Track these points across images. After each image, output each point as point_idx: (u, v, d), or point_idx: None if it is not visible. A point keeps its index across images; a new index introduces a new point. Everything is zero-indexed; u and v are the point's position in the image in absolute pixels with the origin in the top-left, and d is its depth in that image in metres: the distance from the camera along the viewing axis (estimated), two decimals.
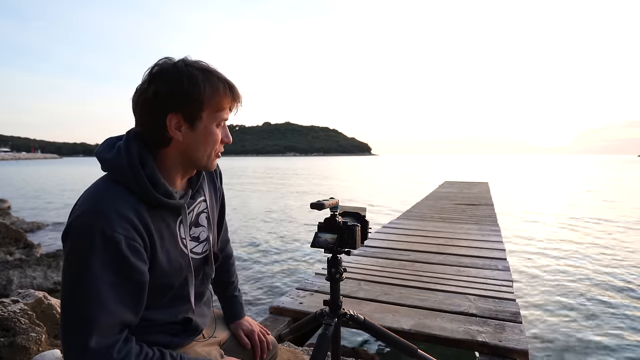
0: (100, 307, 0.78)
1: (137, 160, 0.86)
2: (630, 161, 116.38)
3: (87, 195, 0.86)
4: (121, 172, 0.86)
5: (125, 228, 0.81)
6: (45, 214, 12.09)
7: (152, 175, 0.87)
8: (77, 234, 0.80)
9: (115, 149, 0.88)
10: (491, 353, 2.26)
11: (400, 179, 30.00)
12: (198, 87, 0.86)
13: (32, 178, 32.15)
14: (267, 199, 16.35)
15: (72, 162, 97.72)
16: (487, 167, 55.74)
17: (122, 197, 0.84)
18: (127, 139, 0.89)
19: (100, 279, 0.78)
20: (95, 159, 0.90)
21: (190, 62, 0.89)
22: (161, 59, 0.89)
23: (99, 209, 0.81)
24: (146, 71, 0.88)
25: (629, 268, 5.99)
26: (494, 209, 8.39)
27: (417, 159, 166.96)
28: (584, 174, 37.76)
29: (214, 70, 0.91)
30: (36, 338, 1.84)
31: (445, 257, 4.32)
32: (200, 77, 0.87)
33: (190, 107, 0.87)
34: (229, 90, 0.92)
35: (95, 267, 0.78)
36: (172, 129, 0.88)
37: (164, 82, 0.86)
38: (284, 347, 2.10)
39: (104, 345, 0.78)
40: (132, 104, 0.90)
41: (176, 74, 0.86)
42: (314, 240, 1.19)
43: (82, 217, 0.80)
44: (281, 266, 6.34)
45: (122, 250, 0.80)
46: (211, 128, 0.92)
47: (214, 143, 0.94)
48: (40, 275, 4.98)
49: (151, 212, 0.88)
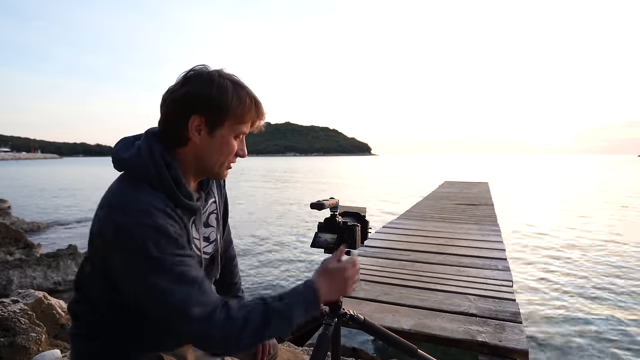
0: (183, 282, 0.81)
1: (161, 161, 0.88)
2: (630, 161, 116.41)
3: (118, 194, 0.85)
4: (144, 172, 0.87)
5: (164, 219, 0.84)
6: (45, 214, 12.09)
7: (176, 176, 0.90)
8: (125, 233, 0.79)
9: (135, 149, 0.89)
10: (491, 353, 2.26)
11: (400, 179, 30.01)
12: (226, 96, 0.90)
13: (32, 178, 32.15)
14: (267, 199, 16.35)
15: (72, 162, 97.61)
16: (487, 167, 55.74)
17: (152, 195, 0.85)
18: (147, 138, 0.91)
19: (169, 262, 0.81)
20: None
21: (224, 74, 0.92)
22: (198, 65, 0.93)
23: (137, 205, 0.82)
24: (181, 74, 0.92)
25: (629, 268, 5.99)
26: (494, 209, 8.39)
27: (417, 159, 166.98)
28: (584, 174, 37.75)
29: (244, 85, 0.94)
30: (36, 338, 1.84)
31: (445, 257, 4.32)
32: (230, 88, 0.90)
33: (214, 113, 0.90)
34: (255, 106, 0.95)
35: (160, 254, 0.80)
36: (192, 130, 0.90)
37: (195, 85, 0.89)
38: (284, 347, 2.10)
39: (206, 312, 0.81)
40: (161, 101, 0.93)
41: (208, 80, 0.90)
42: (313, 240, 1.19)
43: (125, 215, 0.80)
44: (281, 266, 6.35)
45: (171, 233, 0.83)
46: (229, 138, 0.94)
47: (229, 153, 0.95)
48: (40, 275, 4.98)
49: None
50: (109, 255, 0.83)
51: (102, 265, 0.86)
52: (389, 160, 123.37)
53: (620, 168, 54.53)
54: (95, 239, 0.85)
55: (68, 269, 5.23)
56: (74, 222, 10.73)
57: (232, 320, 0.83)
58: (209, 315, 0.81)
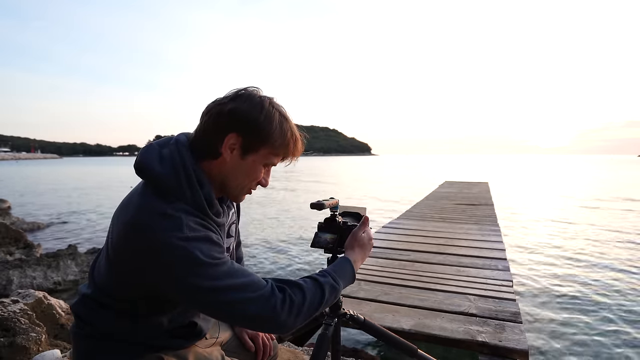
0: (235, 277, 0.84)
1: (195, 179, 0.88)
2: (630, 161, 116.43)
3: (154, 213, 0.83)
4: (180, 193, 0.86)
5: (205, 231, 0.87)
6: (45, 214, 12.09)
7: (209, 196, 0.90)
8: (168, 249, 0.80)
9: (169, 166, 0.88)
10: (491, 353, 2.26)
11: (400, 179, 30.01)
12: (270, 125, 0.90)
13: (32, 178, 32.15)
14: (267, 199, 16.35)
15: (72, 162, 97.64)
16: (487, 167, 55.74)
17: (189, 212, 0.86)
18: (179, 150, 0.90)
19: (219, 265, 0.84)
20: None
21: (275, 103, 0.94)
22: (251, 86, 0.94)
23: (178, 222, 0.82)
24: (233, 89, 0.93)
25: (629, 268, 5.99)
26: (494, 209, 8.39)
27: (417, 159, 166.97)
28: (583, 174, 37.74)
29: (290, 120, 0.96)
30: (36, 338, 1.84)
31: (445, 257, 4.32)
32: (276, 118, 0.92)
33: (253, 137, 0.90)
34: (293, 142, 0.96)
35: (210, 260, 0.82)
36: (226, 146, 0.90)
37: (244, 104, 0.89)
38: (284, 347, 2.10)
39: (265, 293, 0.85)
40: (204, 109, 0.93)
41: (258, 104, 0.90)
42: (313, 240, 1.19)
43: (166, 236, 0.80)
44: (281, 266, 6.35)
45: (215, 241, 0.87)
46: (258, 165, 0.94)
47: (253, 180, 0.96)
48: (40, 275, 4.98)
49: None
50: (149, 269, 0.82)
51: (130, 273, 0.86)
52: (389, 160, 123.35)
53: (620, 168, 54.53)
54: (128, 250, 0.84)
55: (68, 269, 5.23)
56: (74, 222, 10.73)
57: (292, 295, 0.88)
58: (269, 297, 0.85)
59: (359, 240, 1.12)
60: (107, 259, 0.91)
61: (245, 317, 0.84)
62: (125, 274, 0.87)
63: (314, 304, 0.90)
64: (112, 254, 0.89)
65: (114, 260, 0.89)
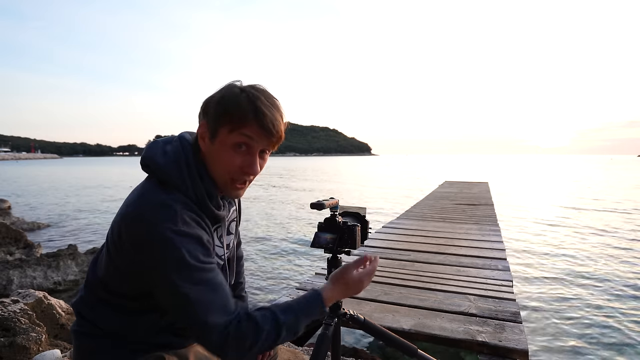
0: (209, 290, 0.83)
1: (196, 171, 0.89)
2: (630, 161, 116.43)
3: (153, 201, 0.85)
4: (180, 183, 0.88)
5: (198, 229, 0.86)
6: (45, 214, 12.09)
7: (209, 189, 0.92)
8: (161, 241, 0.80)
9: (171, 159, 0.89)
10: (491, 353, 2.26)
11: (400, 179, 30.00)
12: (227, 102, 0.86)
13: (32, 178, 32.14)
14: (267, 198, 16.35)
15: (72, 162, 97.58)
16: (487, 167, 55.73)
17: (185, 204, 0.86)
18: (182, 146, 0.92)
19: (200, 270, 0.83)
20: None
21: (248, 85, 0.90)
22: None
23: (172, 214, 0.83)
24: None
25: (629, 267, 5.99)
26: (494, 209, 8.39)
27: (417, 158, 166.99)
28: (583, 174, 37.74)
29: (257, 95, 0.87)
30: (36, 338, 1.84)
31: (445, 257, 4.32)
32: (236, 94, 0.87)
33: (213, 117, 0.89)
34: (255, 115, 0.86)
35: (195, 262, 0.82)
36: (200, 136, 0.92)
37: (216, 93, 0.90)
38: (284, 347, 2.10)
39: (226, 321, 0.83)
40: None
41: (225, 87, 0.90)
42: (313, 240, 1.19)
43: (160, 223, 0.81)
44: (281, 266, 6.35)
45: (204, 242, 0.86)
46: (226, 148, 0.88)
47: (227, 165, 0.90)
48: (40, 275, 4.98)
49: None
50: (142, 260, 0.83)
51: (128, 265, 0.87)
52: (389, 160, 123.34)
53: (620, 168, 54.53)
54: (126, 241, 0.85)
55: (68, 269, 5.23)
56: (74, 222, 10.72)
57: (246, 333, 0.84)
58: (226, 326, 0.82)
59: (345, 278, 0.99)
60: (107, 253, 0.92)
61: (195, 334, 0.84)
62: (123, 266, 0.88)
63: (265, 345, 0.86)
64: (111, 246, 0.90)
65: (113, 253, 0.89)
